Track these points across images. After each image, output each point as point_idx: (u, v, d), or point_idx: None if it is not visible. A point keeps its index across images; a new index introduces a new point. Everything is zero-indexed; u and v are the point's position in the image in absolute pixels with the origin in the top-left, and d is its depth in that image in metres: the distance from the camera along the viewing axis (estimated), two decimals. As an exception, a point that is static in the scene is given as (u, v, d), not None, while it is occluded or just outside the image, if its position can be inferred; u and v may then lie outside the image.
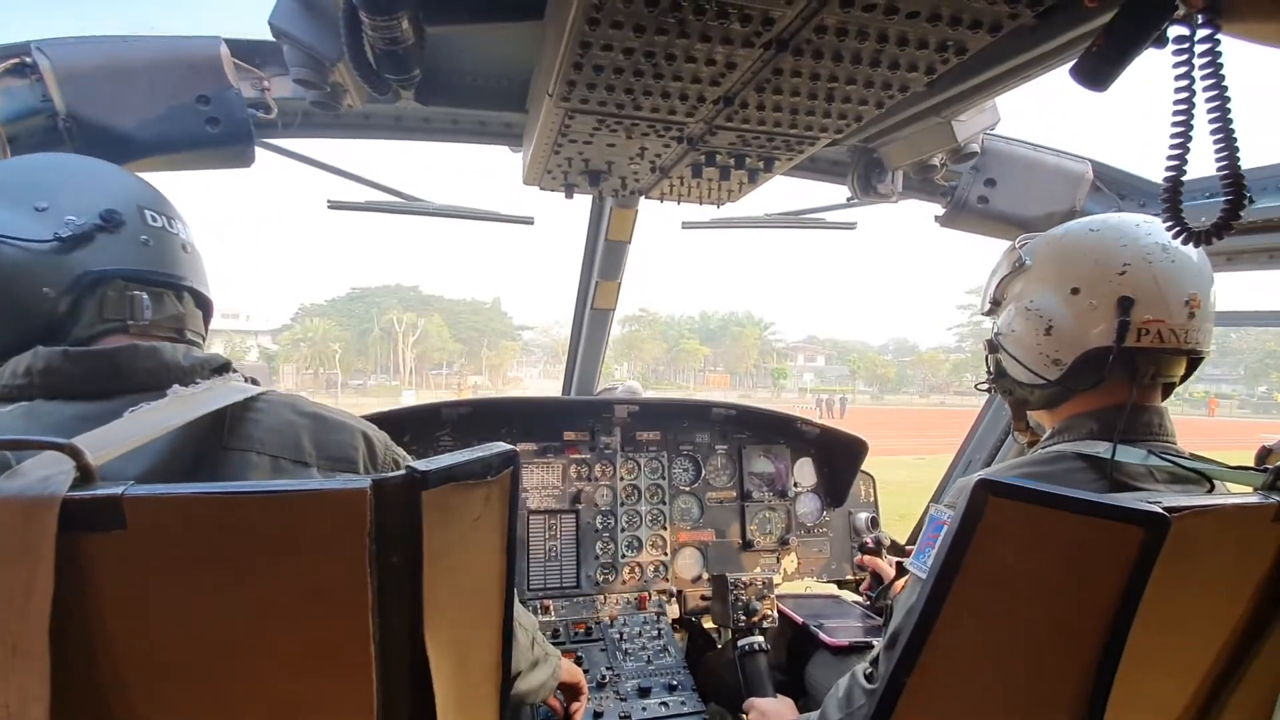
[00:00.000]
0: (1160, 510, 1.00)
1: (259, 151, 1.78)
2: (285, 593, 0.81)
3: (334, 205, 2.08)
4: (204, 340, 1.21)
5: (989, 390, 1.64)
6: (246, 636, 0.82)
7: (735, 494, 2.82)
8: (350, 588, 0.82)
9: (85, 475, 0.73)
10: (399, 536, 0.84)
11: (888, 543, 2.57)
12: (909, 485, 3.27)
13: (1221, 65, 0.97)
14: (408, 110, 1.87)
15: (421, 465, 0.86)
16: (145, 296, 1.08)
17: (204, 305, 1.21)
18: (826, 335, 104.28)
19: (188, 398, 0.97)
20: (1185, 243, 1.05)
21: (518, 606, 1.48)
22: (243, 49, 1.61)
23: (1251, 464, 1.30)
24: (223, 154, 1.61)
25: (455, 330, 74.98)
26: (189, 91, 1.54)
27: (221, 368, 1.11)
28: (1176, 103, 1.00)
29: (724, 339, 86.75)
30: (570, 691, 1.82)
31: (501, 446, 1.00)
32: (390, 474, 0.83)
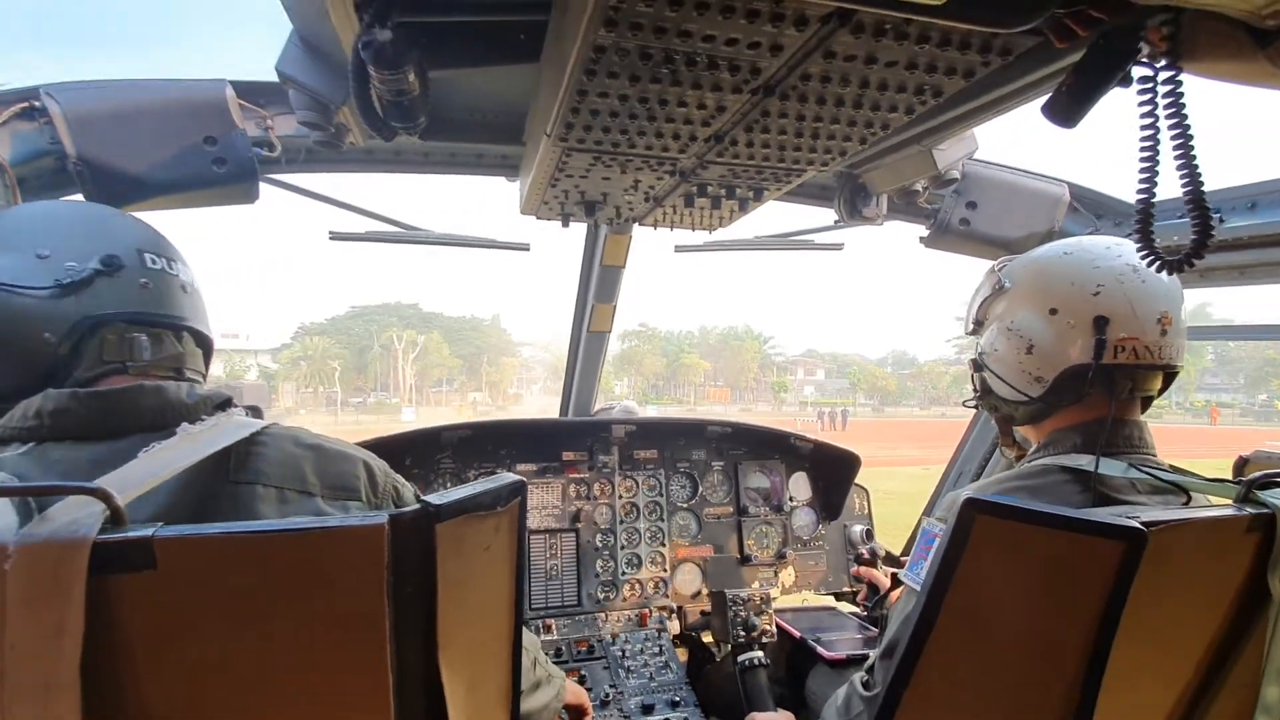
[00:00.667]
0: (1138, 525, 1.05)
1: (263, 186, 1.83)
2: (307, 626, 0.85)
3: (336, 236, 2.12)
4: (204, 378, 1.23)
5: (976, 407, 1.69)
6: (270, 669, 0.85)
7: (732, 509, 2.86)
8: (369, 619, 0.86)
9: (115, 517, 0.77)
10: (414, 568, 0.88)
11: (883, 554, 2.61)
12: (919, 496, 3.30)
13: (1184, 102, 1.04)
14: (407, 145, 1.92)
15: (435, 499, 0.90)
16: (144, 338, 1.11)
17: (204, 344, 1.24)
18: (825, 349, 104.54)
19: (196, 435, 1.00)
20: (1159, 270, 1.11)
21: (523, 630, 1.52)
22: (248, 90, 1.66)
23: (1229, 475, 1.36)
24: (228, 192, 1.65)
25: (455, 347, 74.90)
26: (196, 133, 1.59)
27: (224, 404, 1.14)
28: (1143, 138, 1.06)
29: (724, 353, 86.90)
30: (575, 713, 1.84)
31: (510, 477, 1.05)
32: (405, 509, 0.86)
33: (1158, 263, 1.12)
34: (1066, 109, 1.16)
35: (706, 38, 0.94)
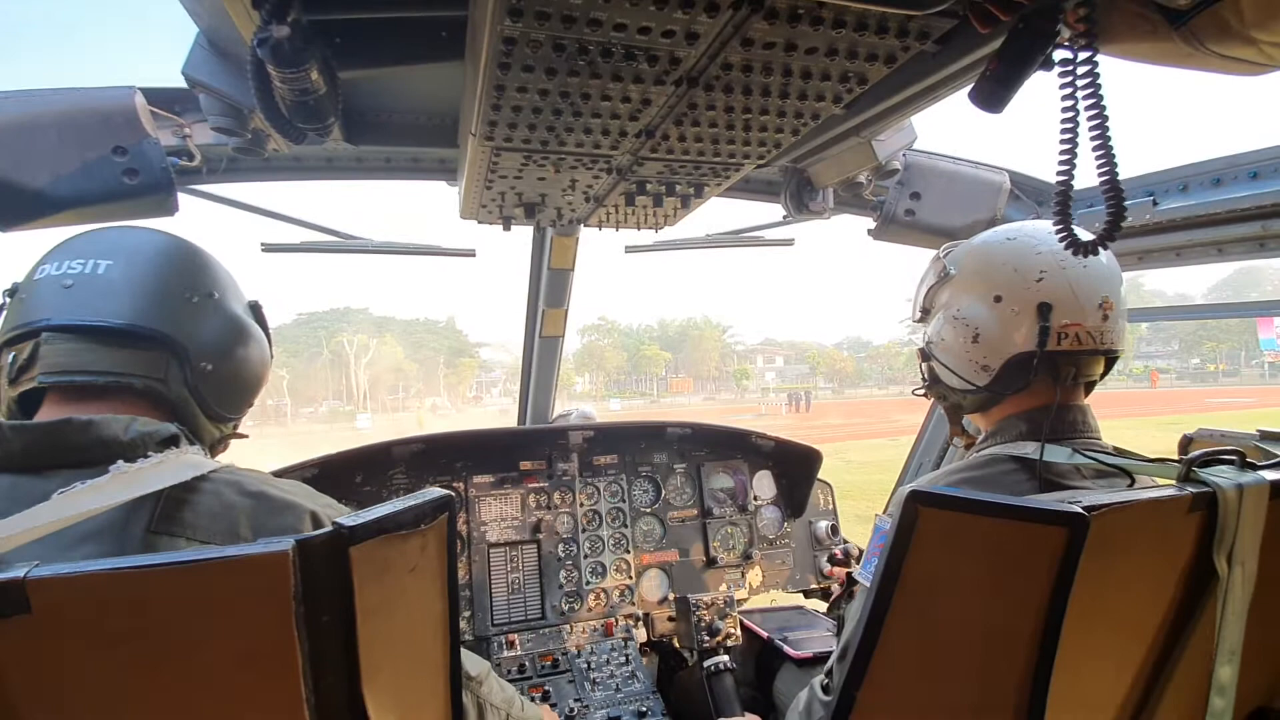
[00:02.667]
0: (1079, 509, 1.04)
1: (185, 198, 1.75)
2: (210, 663, 0.79)
3: (268, 248, 2.04)
4: (168, 384, 1.12)
5: (925, 395, 1.69)
6: (173, 711, 0.79)
7: (696, 511, 2.83)
8: (278, 652, 0.80)
9: None
10: (328, 595, 0.83)
11: (856, 553, 2.61)
12: (893, 463, 3.34)
13: (1100, 85, 1.04)
14: (339, 151, 1.86)
15: (348, 521, 0.84)
16: (62, 345, 1.05)
17: (169, 346, 1.11)
18: (783, 338, 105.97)
19: (130, 475, 0.92)
20: (1075, 253, 1.11)
21: (495, 680, 1.45)
22: (161, 97, 1.58)
23: (1174, 454, 1.37)
24: (143, 204, 1.56)
25: (410, 350, 73.74)
26: (104, 143, 1.50)
27: (169, 440, 1.05)
28: (1063, 121, 1.06)
29: (684, 344, 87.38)
30: None
31: (436, 492, 0.99)
32: (314, 533, 0.81)
33: (1073, 244, 1.12)
34: (992, 94, 1.15)
35: (618, 26, 0.91)
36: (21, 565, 0.71)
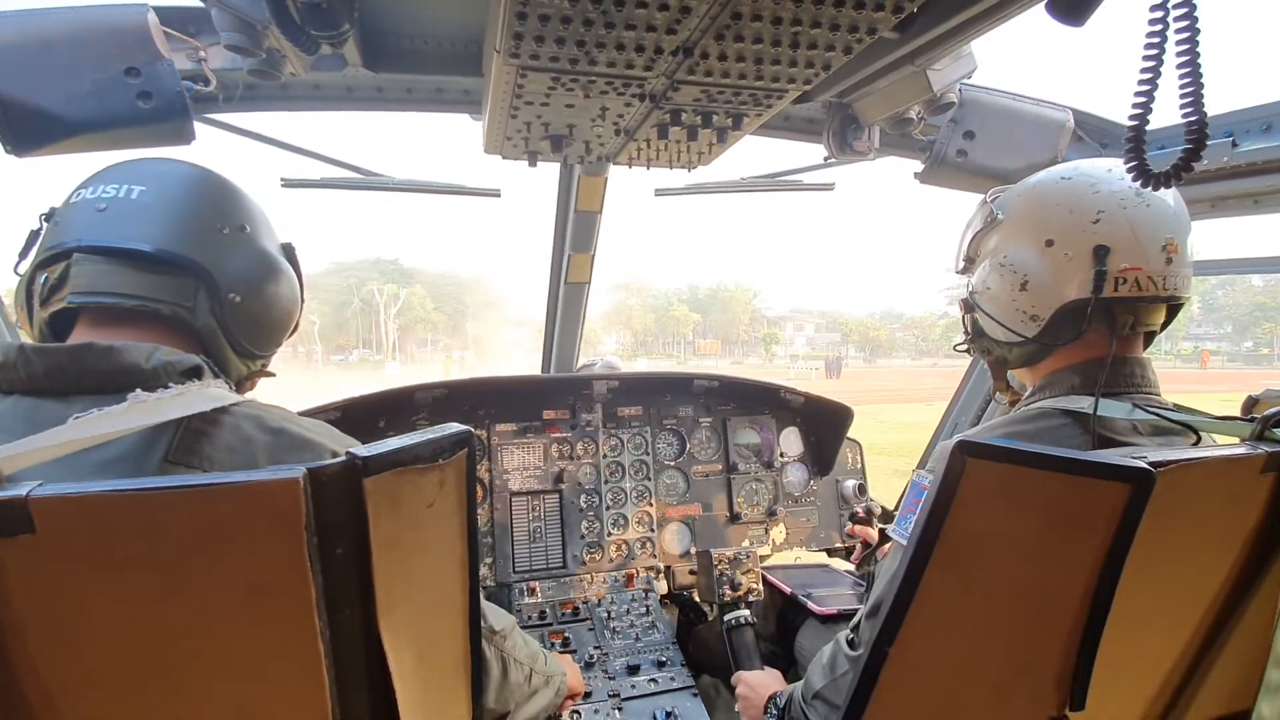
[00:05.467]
0: (1145, 465, 0.96)
1: (202, 128, 1.69)
2: (220, 593, 0.75)
3: (287, 183, 1.98)
4: (195, 312, 1.10)
5: (967, 351, 1.59)
6: (183, 641, 0.76)
7: (721, 467, 2.78)
8: (291, 583, 0.77)
9: None
10: (341, 527, 0.79)
11: (879, 511, 2.55)
12: (928, 424, 3.29)
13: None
14: (359, 79, 1.77)
15: (362, 451, 0.80)
16: (90, 267, 1.04)
17: (198, 274, 1.10)
18: (814, 306, 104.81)
19: (148, 404, 0.90)
20: (1145, 185, 1.00)
21: (520, 635, 1.44)
22: (173, 16, 1.51)
23: (1238, 415, 1.27)
24: (159, 130, 1.51)
25: (438, 302, 74.36)
26: (117, 64, 1.44)
27: (192, 370, 1.03)
28: (1148, 43, 0.94)
29: (713, 307, 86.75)
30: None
31: (455, 427, 0.95)
32: (326, 462, 0.77)
33: (1145, 175, 1.01)
34: (1071, 3, 1.02)
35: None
36: (26, 484, 0.68)
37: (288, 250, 1.33)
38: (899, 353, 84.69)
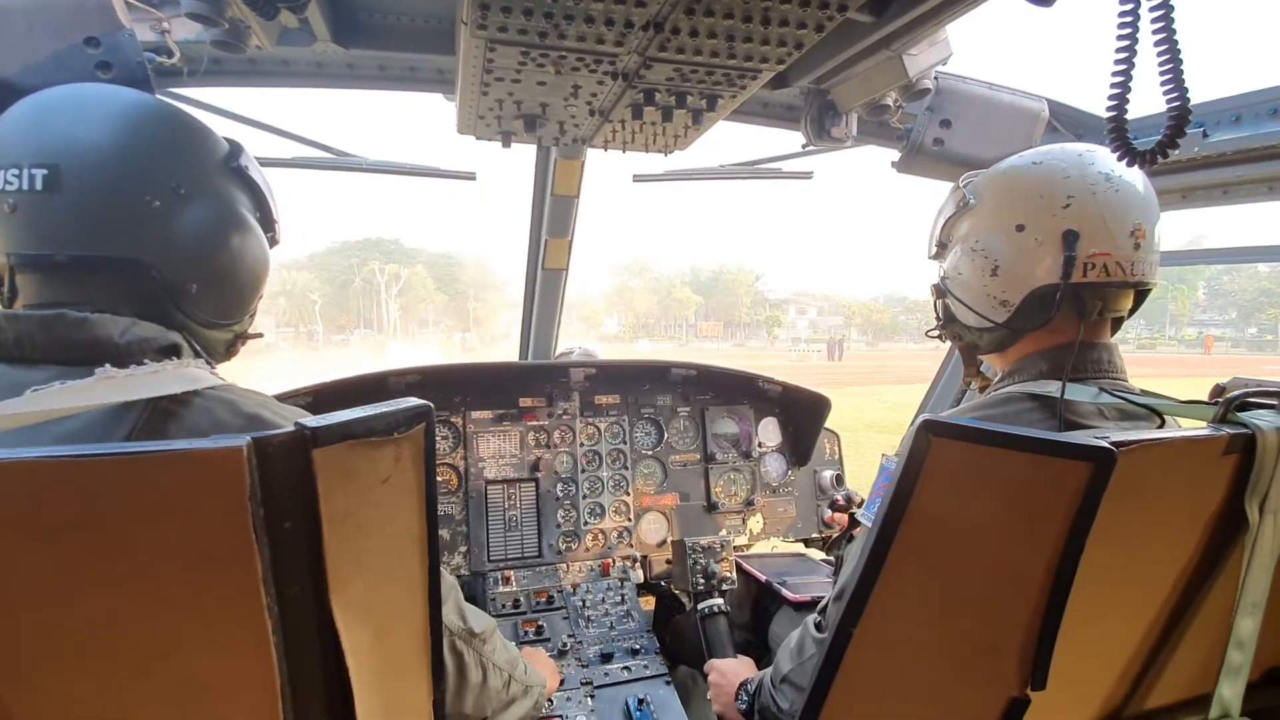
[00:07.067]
0: (1107, 445, 0.96)
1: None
2: (163, 564, 0.73)
3: (258, 162, 1.94)
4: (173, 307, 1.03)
5: (939, 337, 1.60)
6: (124, 615, 0.74)
7: (699, 456, 2.78)
8: (237, 555, 0.74)
9: None
10: (290, 499, 0.77)
11: (858, 500, 2.56)
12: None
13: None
14: (328, 55, 1.74)
15: (311, 421, 0.78)
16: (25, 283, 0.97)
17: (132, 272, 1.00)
18: (817, 290, 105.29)
19: (119, 380, 0.86)
20: (1130, 164, 1.00)
21: (500, 640, 1.39)
22: (134, -16, 1.46)
23: (1204, 399, 1.28)
24: (119, 103, 1.47)
25: (439, 282, 73.99)
26: (75, 32, 1.39)
27: (169, 348, 0.98)
28: (1121, 20, 0.95)
29: (716, 289, 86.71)
30: None
31: (413, 401, 0.93)
32: (272, 432, 0.74)
33: (1128, 153, 1.01)
34: (1043, -17, 1.02)
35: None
36: None
37: (239, 174, 1.13)
38: (901, 336, 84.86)
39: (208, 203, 1.05)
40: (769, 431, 2.88)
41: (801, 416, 2.86)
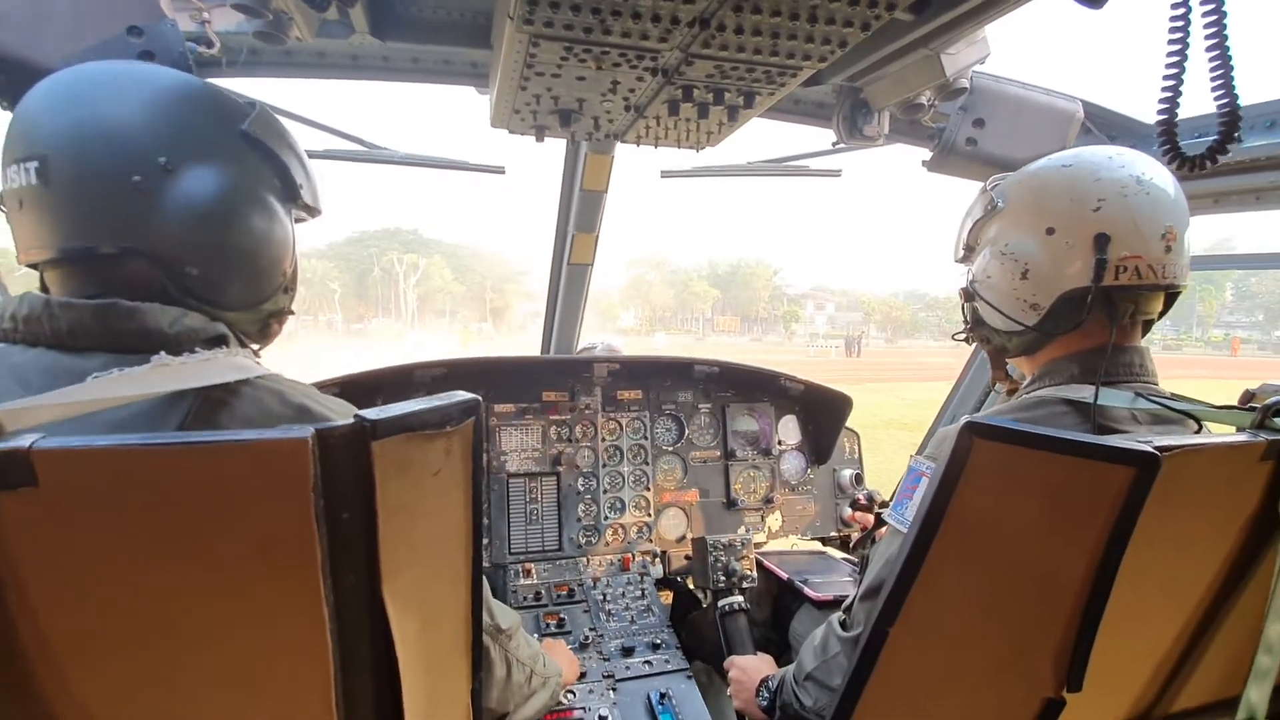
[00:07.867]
0: (1151, 449, 0.96)
1: (204, 93, 1.66)
2: (226, 550, 0.75)
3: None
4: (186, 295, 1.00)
5: (966, 340, 1.59)
6: (186, 598, 0.76)
7: (719, 453, 2.79)
8: (297, 544, 0.76)
9: None
10: (349, 490, 0.78)
11: (879, 499, 2.56)
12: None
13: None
14: (364, 47, 1.75)
15: (371, 414, 0.79)
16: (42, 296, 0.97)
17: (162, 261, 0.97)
18: (835, 285, 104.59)
19: (173, 368, 0.88)
20: (1180, 167, 1.00)
21: (523, 635, 1.43)
22: (178, -24, 1.48)
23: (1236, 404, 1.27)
24: (161, 93, 1.48)
25: (457, 274, 74.13)
26: (118, 21, 1.40)
27: (217, 339, 1.00)
28: (1173, 26, 0.94)
29: (733, 284, 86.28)
30: None
31: (462, 395, 0.94)
32: (335, 423, 0.76)
33: (1179, 159, 1.00)
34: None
35: None
36: (28, 435, 0.67)
37: (246, 137, 1.03)
38: (921, 333, 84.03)
39: (200, 175, 0.96)
40: (789, 429, 2.88)
41: (822, 415, 2.86)
